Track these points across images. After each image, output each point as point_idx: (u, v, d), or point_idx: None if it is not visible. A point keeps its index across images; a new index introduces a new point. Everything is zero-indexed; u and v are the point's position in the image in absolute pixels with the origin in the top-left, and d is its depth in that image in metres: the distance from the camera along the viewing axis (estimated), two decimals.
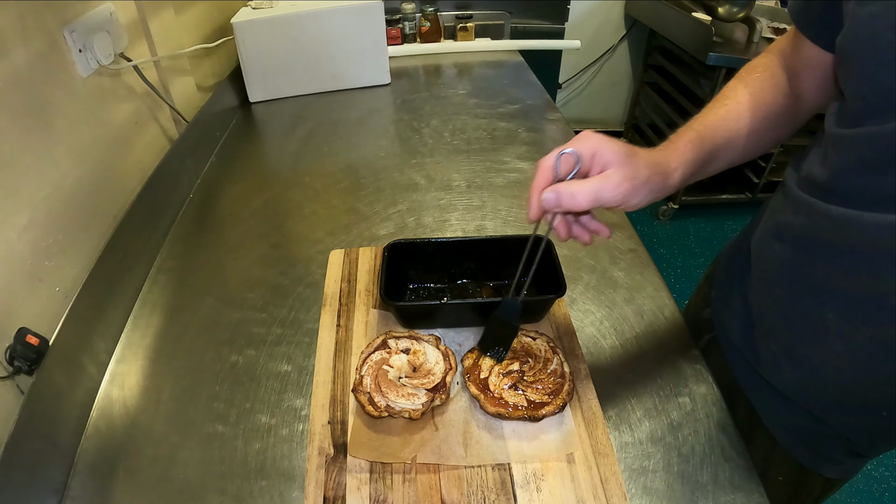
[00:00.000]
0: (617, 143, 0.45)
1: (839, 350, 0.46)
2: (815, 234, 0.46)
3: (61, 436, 0.56)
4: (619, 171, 0.44)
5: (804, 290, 0.48)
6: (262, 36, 1.16)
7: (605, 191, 0.43)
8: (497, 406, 0.55)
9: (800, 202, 0.48)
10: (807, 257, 0.47)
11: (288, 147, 1.09)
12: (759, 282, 0.56)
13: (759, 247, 0.55)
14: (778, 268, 0.51)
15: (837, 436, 0.55)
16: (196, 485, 0.52)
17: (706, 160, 0.51)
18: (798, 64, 0.54)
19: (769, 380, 0.57)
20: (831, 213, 0.43)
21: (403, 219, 0.86)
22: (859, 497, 1.42)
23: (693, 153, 0.50)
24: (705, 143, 0.51)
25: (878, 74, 0.38)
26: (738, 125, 0.53)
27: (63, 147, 0.69)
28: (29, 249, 0.60)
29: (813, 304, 0.47)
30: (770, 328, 0.54)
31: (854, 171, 0.41)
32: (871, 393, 0.48)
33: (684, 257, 2.14)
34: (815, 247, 0.46)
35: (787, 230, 0.50)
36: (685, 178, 0.50)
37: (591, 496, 0.49)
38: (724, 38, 1.83)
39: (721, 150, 0.52)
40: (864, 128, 0.40)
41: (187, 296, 0.74)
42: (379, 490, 0.50)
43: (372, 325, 0.66)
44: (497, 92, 1.28)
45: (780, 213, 0.52)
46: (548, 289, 0.62)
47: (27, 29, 0.64)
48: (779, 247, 0.51)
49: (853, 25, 0.40)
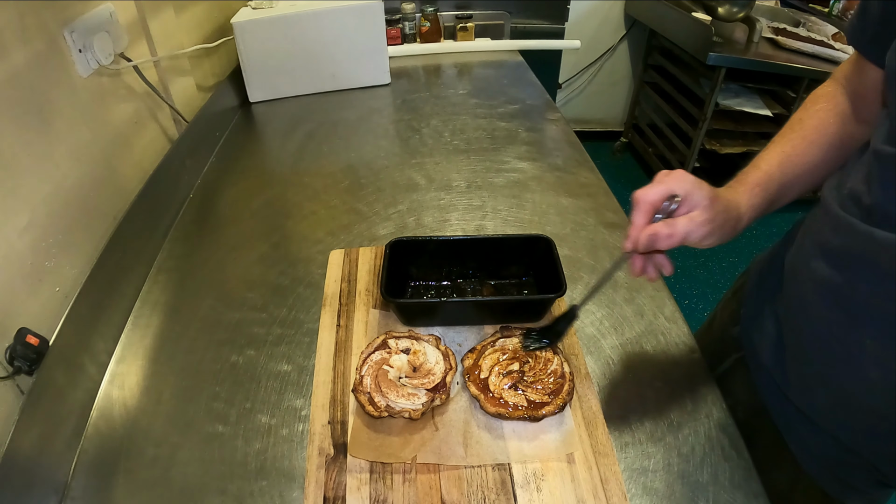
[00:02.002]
0: (705, 186, 0.47)
1: (875, 377, 0.45)
2: (856, 255, 0.44)
3: (61, 436, 0.56)
4: (704, 214, 0.46)
5: (841, 312, 0.46)
6: (262, 36, 1.16)
7: (693, 233, 0.45)
8: (497, 406, 0.55)
9: (839, 221, 0.46)
10: (846, 279, 0.45)
11: (288, 147, 1.09)
12: (794, 301, 0.54)
13: (794, 265, 0.54)
14: (815, 288, 0.49)
15: (865, 465, 0.53)
16: (196, 485, 0.52)
17: (773, 200, 0.52)
18: (862, 88, 0.52)
19: (798, 404, 0.55)
20: (875, 235, 0.42)
21: (403, 219, 0.86)
22: None
23: (762, 197, 0.51)
24: (772, 183, 0.51)
25: None
26: (804, 160, 0.53)
27: (63, 147, 0.69)
28: (29, 249, 0.60)
29: (850, 327, 0.46)
30: (803, 350, 0.53)
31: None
32: None
33: (684, 257, 2.14)
34: (855, 268, 0.44)
35: (826, 250, 0.48)
36: (753, 220, 0.51)
37: (591, 496, 0.49)
38: (724, 37, 1.83)
39: (787, 188, 0.53)
40: None
41: (187, 296, 0.74)
42: (379, 490, 0.50)
43: (372, 325, 0.66)
44: (497, 92, 1.28)
45: (819, 233, 0.50)
46: (548, 288, 0.62)
47: (27, 29, 0.64)
48: (816, 266, 0.49)
49: None
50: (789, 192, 0.53)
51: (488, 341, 0.61)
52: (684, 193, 0.46)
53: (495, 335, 0.62)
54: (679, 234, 0.45)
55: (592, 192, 0.90)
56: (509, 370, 0.57)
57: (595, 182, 0.93)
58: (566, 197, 0.89)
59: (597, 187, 0.92)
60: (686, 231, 0.45)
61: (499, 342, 0.61)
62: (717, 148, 2.04)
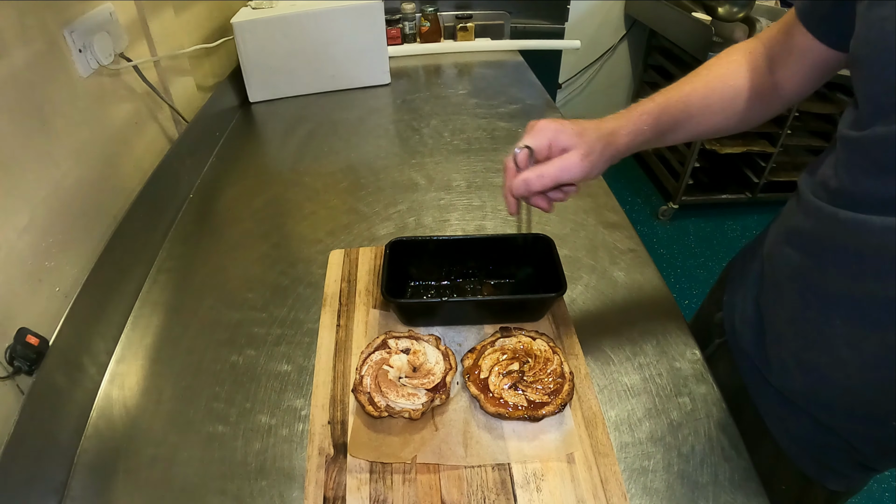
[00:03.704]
0: (568, 126, 0.51)
1: (847, 356, 0.46)
2: (824, 238, 0.46)
3: (61, 436, 0.56)
4: (577, 151, 0.49)
5: (813, 295, 0.48)
6: (262, 36, 1.16)
7: (568, 170, 0.49)
8: (497, 406, 0.55)
9: (809, 206, 0.48)
10: (816, 262, 0.47)
11: (288, 147, 1.09)
12: (771, 287, 0.56)
13: (770, 251, 0.56)
14: (789, 273, 0.51)
15: (844, 446, 0.54)
16: (196, 485, 0.52)
17: (663, 131, 0.54)
18: (785, 51, 0.54)
19: (778, 386, 0.56)
20: (839, 216, 0.43)
21: (403, 219, 0.86)
22: (859, 497, 1.42)
23: (648, 124, 0.53)
24: (663, 115, 0.54)
25: (886, 77, 0.38)
26: (702, 102, 0.55)
27: (63, 147, 0.69)
28: (29, 249, 0.60)
29: (821, 309, 0.47)
30: (780, 334, 0.54)
31: (862, 174, 0.41)
32: (880, 400, 0.48)
33: (684, 257, 2.14)
34: (823, 251, 0.46)
35: (797, 235, 0.50)
36: (633, 146, 0.53)
37: (591, 496, 0.49)
38: (724, 38, 1.83)
39: (680, 123, 0.55)
40: (872, 130, 0.40)
41: (187, 296, 0.74)
42: (379, 490, 0.50)
43: (372, 325, 0.66)
44: (497, 92, 1.28)
45: (792, 218, 0.52)
46: (548, 288, 0.62)
47: (27, 29, 0.64)
48: (789, 251, 0.51)
49: (863, 28, 0.40)
50: (683, 128, 0.55)
51: (488, 341, 0.61)
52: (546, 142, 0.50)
53: (495, 335, 0.62)
54: (549, 174, 0.49)
55: (592, 192, 0.90)
56: (509, 370, 0.57)
57: (595, 182, 0.93)
58: None
59: (597, 187, 0.92)
60: (558, 167, 0.49)
61: (498, 342, 0.61)
62: (716, 148, 2.04)
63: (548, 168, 0.49)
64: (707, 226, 2.29)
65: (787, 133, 1.97)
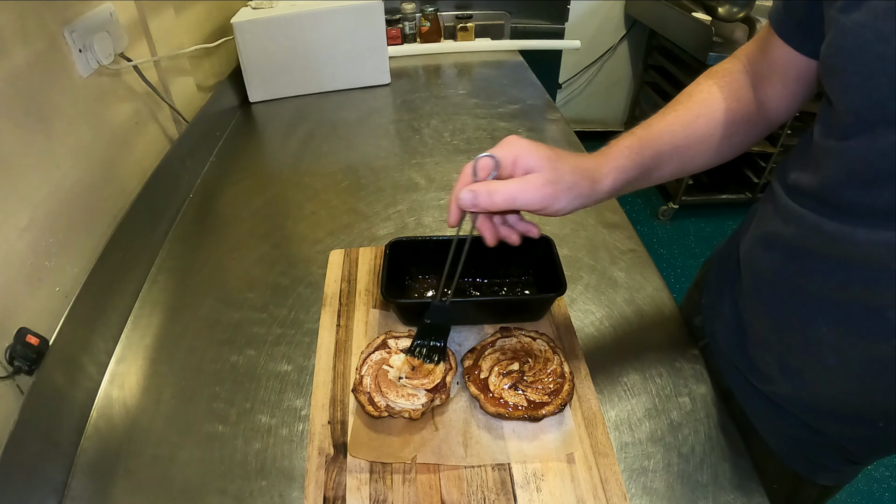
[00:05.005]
0: (541, 148, 0.45)
1: (833, 363, 0.45)
2: (807, 245, 0.44)
3: (61, 436, 0.56)
4: (542, 176, 0.44)
5: (796, 301, 0.47)
6: (262, 36, 1.16)
7: (524, 192, 0.44)
8: (497, 406, 0.55)
9: (789, 212, 0.46)
10: (799, 268, 0.45)
11: (288, 147, 1.09)
12: (750, 291, 0.54)
13: (748, 255, 0.54)
14: (769, 278, 0.50)
15: (833, 445, 0.54)
16: (196, 485, 0.52)
17: (647, 167, 0.50)
18: (766, 68, 0.51)
19: (762, 389, 0.55)
20: (823, 226, 0.42)
21: (403, 219, 0.86)
22: (859, 497, 1.42)
23: (630, 160, 0.48)
24: (646, 150, 0.49)
25: (868, 88, 0.36)
26: (686, 132, 0.51)
27: (63, 147, 0.69)
28: (29, 249, 0.60)
29: (805, 316, 0.46)
30: (762, 339, 0.53)
31: (845, 185, 0.40)
32: (867, 404, 0.47)
33: (684, 257, 2.14)
34: (807, 258, 0.44)
35: (777, 240, 0.48)
36: (619, 185, 0.48)
37: (591, 496, 0.49)
38: (724, 38, 1.82)
39: (665, 157, 0.50)
40: (854, 140, 0.38)
41: (187, 296, 0.74)
42: (379, 490, 0.50)
43: (372, 325, 0.66)
44: (497, 92, 1.28)
45: (770, 222, 0.50)
46: (548, 288, 0.62)
47: (27, 29, 0.64)
48: (769, 256, 0.49)
49: (837, 35, 0.38)
50: (667, 163, 0.51)
51: (488, 341, 0.61)
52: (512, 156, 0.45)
53: (495, 335, 0.62)
54: (502, 191, 0.44)
55: None
56: (509, 370, 0.57)
57: None
58: None
59: None
60: (513, 189, 0.44)
61: (498, 342, 0.61)
62: None
63: (502, 185, 0.44)
64: (707, 226, 2.30)
65: (787, 133, 1.98)
